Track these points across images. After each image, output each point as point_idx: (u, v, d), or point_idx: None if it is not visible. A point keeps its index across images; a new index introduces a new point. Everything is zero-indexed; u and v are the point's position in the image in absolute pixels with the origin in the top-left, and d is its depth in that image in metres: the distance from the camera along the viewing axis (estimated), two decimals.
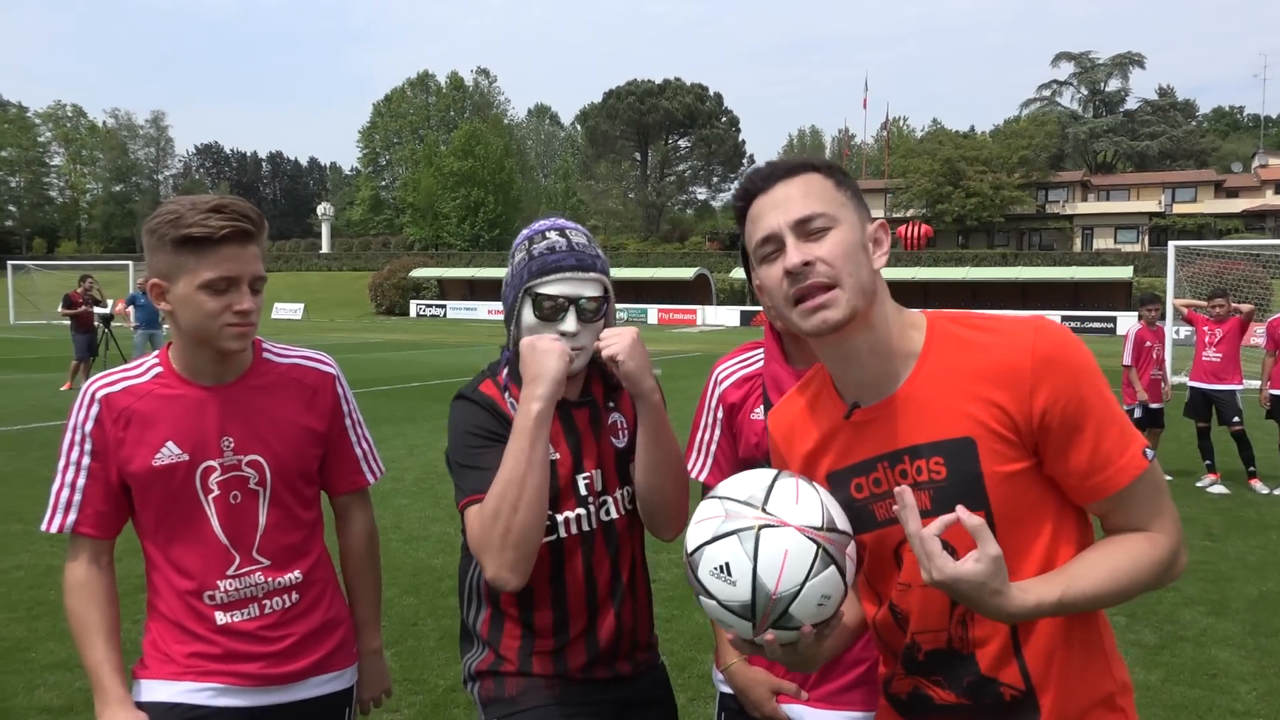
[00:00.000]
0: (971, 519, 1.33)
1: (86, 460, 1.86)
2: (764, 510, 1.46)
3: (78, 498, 1.86)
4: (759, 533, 1.43)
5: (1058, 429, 1.41)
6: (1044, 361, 1.41)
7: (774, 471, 1.53)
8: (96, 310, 16.79)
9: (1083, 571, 1.42)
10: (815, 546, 1.42)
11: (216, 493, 1.88)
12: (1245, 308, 9.47)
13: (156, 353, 1.96)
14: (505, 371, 2.03)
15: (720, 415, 2.15)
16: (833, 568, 1.44)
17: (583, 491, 2.02)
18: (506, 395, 1.99)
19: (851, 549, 1.48)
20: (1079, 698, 1.50)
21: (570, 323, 1.95)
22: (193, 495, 1.87)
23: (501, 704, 2.02)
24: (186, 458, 1.86)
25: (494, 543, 1.81)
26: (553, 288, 1.95)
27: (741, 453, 2.12)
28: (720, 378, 2.18)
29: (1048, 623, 1.46)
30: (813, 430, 1.61)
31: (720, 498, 1.51)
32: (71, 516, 1.86)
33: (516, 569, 1.82)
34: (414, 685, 4.29)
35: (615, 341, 1.94)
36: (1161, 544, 1.45)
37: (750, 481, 1.52)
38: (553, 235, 2.00)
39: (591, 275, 1.99)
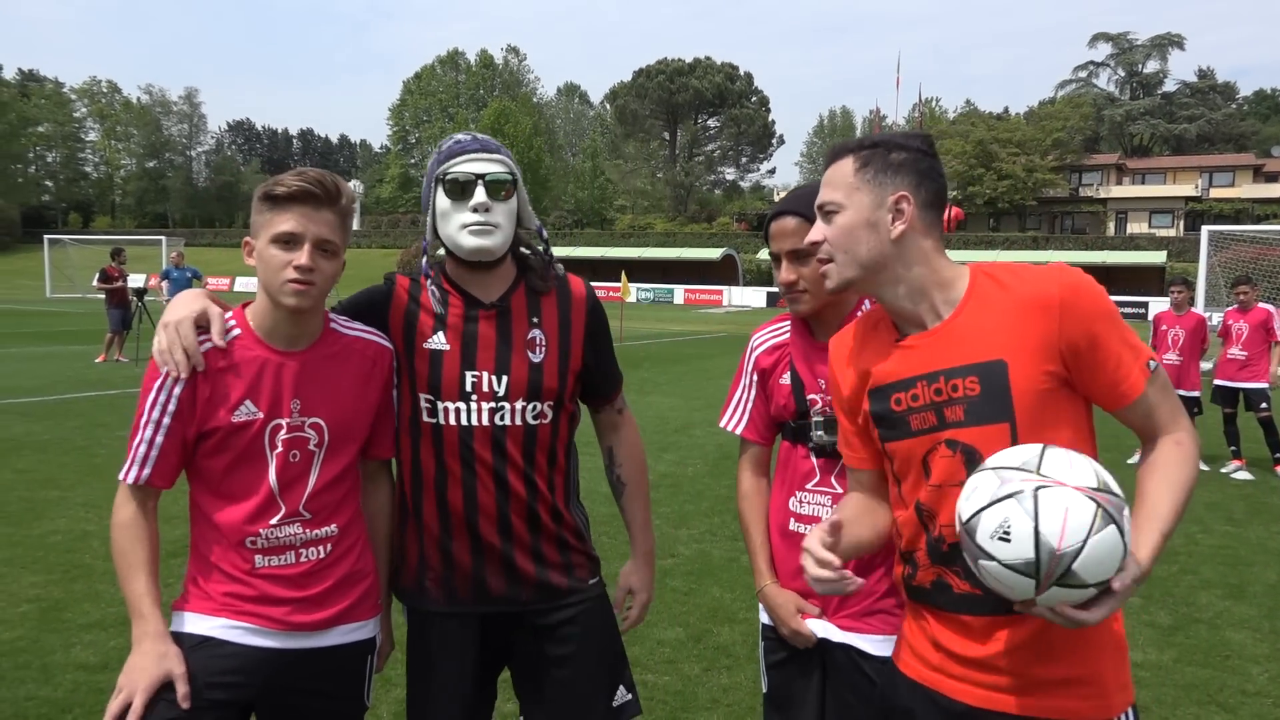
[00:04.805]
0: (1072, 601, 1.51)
1: (167, 420, 2.00)
2: (1038, 473, 1.51)
3: (154, 453, 2.00)
4: (1036, 493, 1.48)
5: (1086, 349, 1.66)
6: (1070, 290, 1.67)
7: (1041, 445, 1.58)
8: (130, 284, 17.04)
9: (1158, 505, 1.64)
10: (1094, 505, 1.47)
11: (279, 449, 2.02)
12: (1272, 309, 9.33)
13: (231, 314, 2.07)
14: (424, 261, 2.22)
15: (755, 377, 2.38)
16: (1112, 526, 1.47)
17: (468, 388, 2.14)
18: (429, 281, 2.19)
19: (1128, 512, 1.52)
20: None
21: (480, 194, 2.09)
22: (260, 450, 2.02)
23: (408, 600, 2.27)
24: (261, 415, 2.01)
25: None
26: (461, 167, 2.11)
27: (772, 411, 2.35)
28: (755, 344, 2.40)
29: None
30: (865, 352, 1.88)
31: (993, 468, 1.56)
32: (147, 470, 2.00)
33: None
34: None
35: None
36: (1185, 441, 1.70)
37: (1021, 451, 1.57)
38: (461, 135, 2.18)
39: (496, 155, 2.14)
